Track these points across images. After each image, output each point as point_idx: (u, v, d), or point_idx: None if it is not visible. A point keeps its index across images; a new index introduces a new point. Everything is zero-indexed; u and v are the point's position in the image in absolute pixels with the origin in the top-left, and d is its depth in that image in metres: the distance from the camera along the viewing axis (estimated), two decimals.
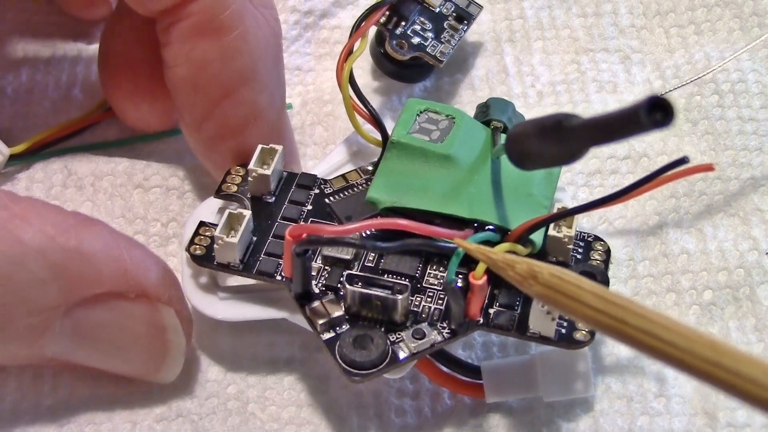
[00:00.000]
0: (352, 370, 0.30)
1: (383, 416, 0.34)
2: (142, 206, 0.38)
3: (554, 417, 0.33)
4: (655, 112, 0.22)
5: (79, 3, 0.43)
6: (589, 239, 0.33)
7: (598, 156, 0.40)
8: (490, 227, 0.32)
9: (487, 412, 0.33)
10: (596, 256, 0.33)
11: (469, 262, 0.30)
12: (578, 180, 0.40)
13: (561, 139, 0.26)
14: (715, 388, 0.21)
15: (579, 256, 0.33)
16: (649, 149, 0.40)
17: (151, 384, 0.33)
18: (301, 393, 0.34)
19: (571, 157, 0.27)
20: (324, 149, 0.41)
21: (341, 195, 0.35)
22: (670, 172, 0.30)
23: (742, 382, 0.21)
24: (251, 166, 0.34)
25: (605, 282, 0.32)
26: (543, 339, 0.30)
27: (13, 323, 0.29)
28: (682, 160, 0.28)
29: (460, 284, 0.31)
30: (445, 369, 0.33)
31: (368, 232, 0.32)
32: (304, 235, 0.29)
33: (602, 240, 0.33)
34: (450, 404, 0.34)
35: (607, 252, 0.33)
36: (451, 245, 0.30)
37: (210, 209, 0.35)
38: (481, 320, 0.31)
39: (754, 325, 0.35)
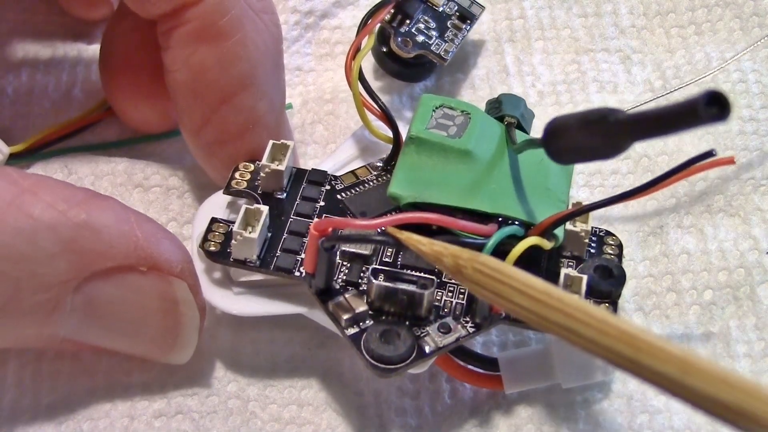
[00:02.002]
0: (380, 365, 0.29)
1: (383, 416, 0.34)
2: (142, 206, 0.38)
3: (555, 415, 0.33)
4: (712, 107, 0.23)
5: (80, 3, 0.43)
6: (601, 234, 0.34)
7: None
8: (515, 222, 0.32)
9: (487, 412, 0.33)
10: (609, 251, 0.33)
11: (496, 255, 0.30)
12: (579, 180, 0.40)
13: (606, 133, 0.26)
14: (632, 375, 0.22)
15: (593, 251, 0.33)
16: (649, 149, 0.40)
17: (150, 375, 0.33)
18: (302, 391, 0.34)
19: (615, 151, 0.27)
20: (324, 148, 0.41)
21: (353, 191, 0.35)
22: (694, 166, 0.30)
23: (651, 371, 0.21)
24: (264, 161, 0.34)
25: (621, 275, 0.32)
26: None
27: (23, 299, 0.29)
28: (709, 153, 0.29)
29: None
30: (462, 363, 0.33)
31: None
32: (330, 230, 0.29)
33: (614, 235, 0.34)
34: (450, 404, 0.34)
35: (620, 246, 0.33)
36: (479, 240, 0.30)
37: (217, 205, 0.35)
38: (504, 314, 0.31)
39: (754, 324, 0.35)
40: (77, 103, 0.42)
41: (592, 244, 0.33)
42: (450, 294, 0.32)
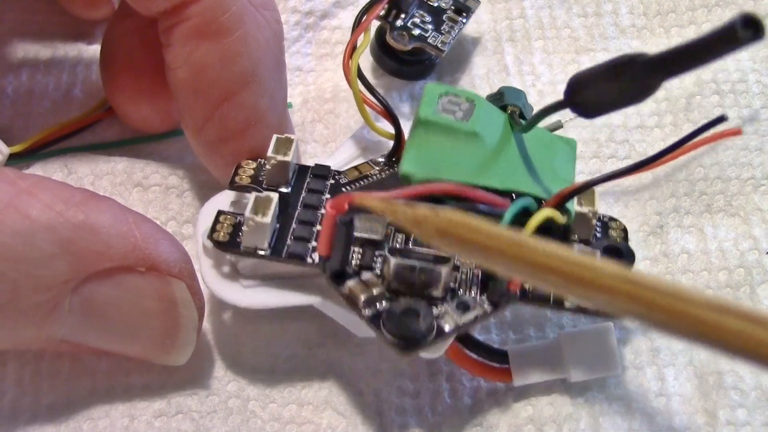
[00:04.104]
0: (402, 342, 0.29)
1: (383, 415, 0.34)
2: (142, 205, 0.38)
3: (556, 415, 0.33)
4: (748, 29, 0.23)
5: (80, 3, 0.43)
6: (605, 219, 0.34)
7: (598, 156, 0.40)
8: (527, 196, 0.32)
9: (487, 411, 0.33)
10: (615, 234, 0.33)
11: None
12: (579, 180, 0.39)
13: (635, 75, 0.26)
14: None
15: (599, 235, 0.33)
16: (649, 149, 0.40)
17: (150, 376, 0.33)
18: (302, 391, 0.34)
19: (645, 93, 0.27)
20: (324, 147, 0.41)
21: (357, 185, 0.35)
22: (702, 136, 0.30)
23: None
24: (270, 153, 0.33)
25: (631, 256, 0.32)
26: (580, 310, 0.31)
27: (21, 300, 0.29)
28: (721, 119, 0.29)
29: None
30: (472, 355, 0.33)
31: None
32: (346, 205, 0.29)
33: (617, 220, 0.34)
34: (450, 403, 0.34)
35: (624, 230, 0.34)
36: (497, 210, 0.30)
37: (220, 205, 0.34)
38: (519, 293, 0.31)
39: None
40: (77, 103, 0.42)
41: (598, 229, 0.33)
42: (464, 274, 0.32)
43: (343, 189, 0.34)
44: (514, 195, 0.32)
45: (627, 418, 0.33)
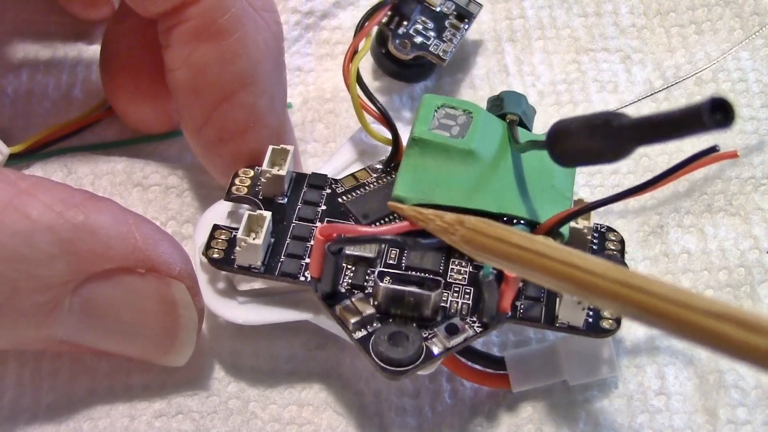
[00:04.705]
0: (389, 368, 0.29)
1: (383, 415, 0.34)
2: (141, 205, 0.38)
3: (556, 415, 0.33)
4: (716, 113, 0.22)
5: (80, 3, 0.43)
6: (602, 230, 0.34)
7: None
8: (521, 222, 0.32)
9: (487, 411, 0.33)
10: (611, 246, 0.33)
11: None
12: (579, 180, 0.39)
13: (609, 137, 0.26)
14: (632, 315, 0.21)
15: (595, 247, 0.33)
16: (649, 149, 0.40)
17: (150, 376, 0.33)
18: (302, 392, 0.34)
19: (618, 156, 0.27)
20: (324, 146, 0.41)
21: (353, 194, 0.35)
22: (699, 161, 0.30)
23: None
24: (264, 167, 0.33)
25: None
26: (571, 329, 0.31)
27: (21, 301, 0.29)
28: (713, 149, 0.29)
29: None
30: (468, 362, 0.33)
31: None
32: (335, 235, 0.29)
33: (615, 230, 0.34)
34: (450, 403, 0.34)
35: (621, 242, 0.34)
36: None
37: (219, 213, 0.34)
38: (510, 313, 0.31)
39: None
40: (77, 103, 0.42)
41: (594, 241, 0.33)
42: (456, 294, 0.32)
43: (340, 199, 0.34)
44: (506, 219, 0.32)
45: (627, 416, 0.33)
